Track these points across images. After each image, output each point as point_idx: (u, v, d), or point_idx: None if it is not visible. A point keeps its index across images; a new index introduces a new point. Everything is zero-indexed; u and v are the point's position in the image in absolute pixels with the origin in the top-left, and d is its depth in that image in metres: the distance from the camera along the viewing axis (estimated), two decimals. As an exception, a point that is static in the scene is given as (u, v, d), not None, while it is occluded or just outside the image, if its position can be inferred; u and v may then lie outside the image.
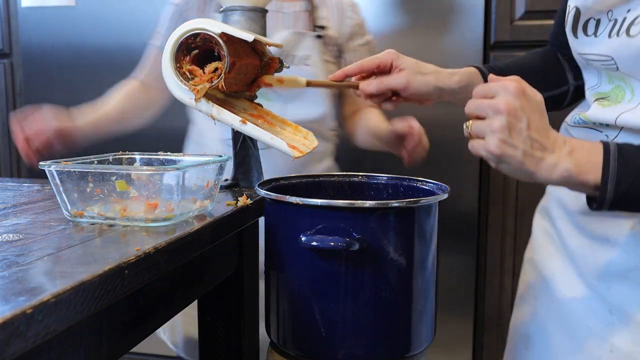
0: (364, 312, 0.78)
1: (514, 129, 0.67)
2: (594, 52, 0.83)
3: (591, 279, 0.87)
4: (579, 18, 0.83)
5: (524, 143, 0.67)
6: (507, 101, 0.67)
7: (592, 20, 0.82)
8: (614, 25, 0.79)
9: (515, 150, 0.67)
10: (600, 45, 0.81)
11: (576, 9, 0.83)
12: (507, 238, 1.79)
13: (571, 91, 1.00)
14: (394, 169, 1.82)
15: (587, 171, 0.68)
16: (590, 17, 0.82)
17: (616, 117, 0.79)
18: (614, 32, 0.79)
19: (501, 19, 1.72)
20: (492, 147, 0.67)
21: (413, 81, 0.92)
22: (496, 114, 0.67)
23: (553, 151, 0.68)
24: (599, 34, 0.81)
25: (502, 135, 0.66)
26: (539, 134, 0.68)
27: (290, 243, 0.80)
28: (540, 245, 0.99)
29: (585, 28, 0.83)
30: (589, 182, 0.68)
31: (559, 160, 0.68)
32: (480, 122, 0.69)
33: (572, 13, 0.84)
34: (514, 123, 0.67)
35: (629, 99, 0.80)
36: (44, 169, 0.77)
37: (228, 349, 1.03)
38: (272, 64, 0.98)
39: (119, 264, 0.57)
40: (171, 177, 0.75)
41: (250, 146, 1.06)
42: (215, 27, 0.85)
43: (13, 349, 0.43)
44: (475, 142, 0.70)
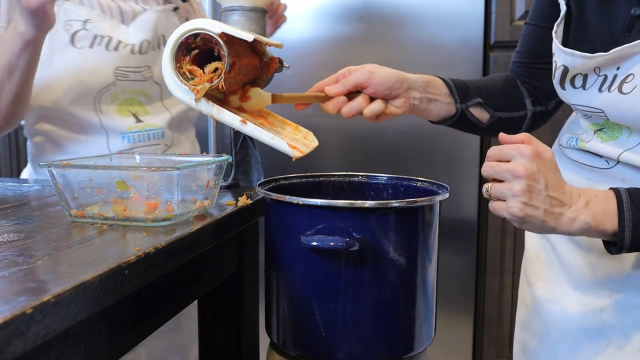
0: (364, 312, 0.78)
1: (534, 191, 0.70)
2: (582, 103, 0.86)
3: (588, 290, 0.88)
4: (566, 74, 0.86)
5: (544, 203, 0.71)
6: (525, 165, 0.70)
7: (580, 75, 0.85)
8: (604, 81, 0.81)
9: (536, 210, 0.70)
10: (589, 98, 0.84)
11: (564, 67, 0.86)
12: (507, 238, 1.79)
13: (529, 116, 1.03)
14: (394, 169, 1.82)
15: (604, 221, 0.72)
16: (578, 73, 0.85)
17: (618, 154, 0.82)
18: (605, 88, 0.81)
19: (501, 19, 1.72)
20: (515, 211, 0.71)
21: (376, 71, 0.91)
22: (515, 179, 0.70)
23: (570, 205, 0.72)
24: (588, 87, 0.84)
25: (523, 198, 0.70)
26: (556, 192, 0.71)
27: (290, 243, 0.80)
28: (534, 258, 1.00)
29: (572, 81, 0.86)
30: (606, 232, 0.72)
31: (577, 214, 0.72)
32: (499, 185, 0.72)
33: (559, 70, 0.87)
34: (533, 186, 0.70)
35: (626, 136, 0.83)
36: (44, 169, 0.77)
37: (228, 349, 1.03)
38: (272, 64, 0.98)
39: (119, 264, 0.57)
40: (171, 177, 0.75)
41: (250, 146, 1.06)
42: (215, 27, 0.85)
43: (13, 349, 0.43)
44: (496, 204, 0.73)
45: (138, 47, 1.21)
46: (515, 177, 0.70)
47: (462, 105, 0.99)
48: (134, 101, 1.22)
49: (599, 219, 0.72)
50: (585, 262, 0.88)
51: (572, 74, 0.85)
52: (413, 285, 0.81)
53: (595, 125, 0.87)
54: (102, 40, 1.17)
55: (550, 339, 0.92)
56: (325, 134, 1.85)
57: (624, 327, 0.84)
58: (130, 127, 1.20)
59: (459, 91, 0.99)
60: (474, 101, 1.00)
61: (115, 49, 1.18)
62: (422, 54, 1.76)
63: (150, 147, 1.23)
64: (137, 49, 1.20)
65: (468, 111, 1.00)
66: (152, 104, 1.25)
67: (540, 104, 1.03)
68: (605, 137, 0.85)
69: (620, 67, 0.79)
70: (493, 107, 1.02)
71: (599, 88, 0.82)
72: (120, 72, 1.19)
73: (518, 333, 1.03)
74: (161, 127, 1.25)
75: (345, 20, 1.82)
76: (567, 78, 0.86)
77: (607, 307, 0.86)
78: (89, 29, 1.16)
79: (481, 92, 1.01)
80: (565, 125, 1.00)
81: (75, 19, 1.15)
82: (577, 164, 0.90)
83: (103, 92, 1.18)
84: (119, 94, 1.20)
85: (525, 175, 0.70)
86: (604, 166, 0.85)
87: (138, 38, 1.21)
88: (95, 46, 1.17)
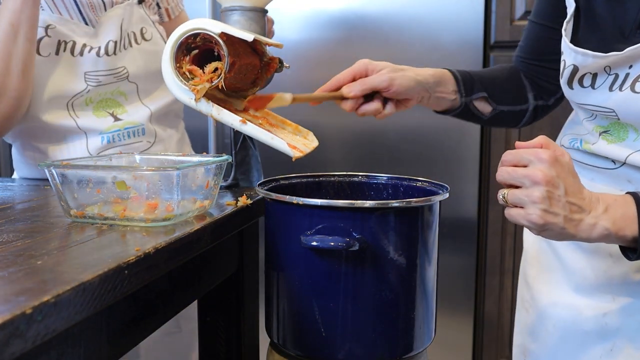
0: (364, 312, 0.78)
1: (553, 197, 0.68)
2: (591, 102, 0.84)
3: (590, 293, 0.87)
4: (575, 73, 0.85)
5: (563, 209, 0.69)
6: (544, 171, 0.68)
7: (589, 75, 0.83)
8: (615, 80, 0.80)
9: (556, 217, 0.68)
10: (599, 97, 0.82)
11: (573, 67, 0.84)
12: (507, 238, 1.79)
13: (530, 110, 1.04)
14: (394, 169, 1.82)
15: (624, 227, 0.70)
16: (587, 72, 0.83)
17: (626, 156, 0.81)
18: (616, 86, 0.80)
19: (501, 19, 1.72)
20: (535, 218, 0.68)
21: (396, 77, 0.93)
22: (534, 185, 0.68)
23: (590, 211, 0.70)
24: (597, 86, 0.82)
25: (543, 205, 0.68)
26: (575, 197, 0.69)
27: (290, 243, 0.80)
28: (533, 260, 1.00)
29: (581, 81, 0.85)
30: (626, 237, 0.70)
31: (597, 220, 0.70)
32: (517, 191, 0.70)
33: (568, 69, 0.85)
34: (552, 192, 0.68)
35: (633, 138, 0.81)
36: (44, 169, 0.77)
37: (228, 349, 1.03)
38: (272, 64, 0.98)
39: (119, 264, 0.57)
40: (171, 177, 0.75)
41: (250, 146, 1.06)
42: (215, 27, 0.85)
43: (12, 349, 0.43)
44: (513, 211, 0.71)
45: (104, 49, 1.16)
46: (534, 184, 0.68)
47: (467, 98, 1.00)
48: (110, 101, 1.18)
49: (619, 225, 0.70)
50: (588, 264, 0.87)
51: (581, 74, 0.84)
52: (413, 285, 0.81)
53: (600, 127, 0.86)
54: (66, 46, 1.13)
55: (552, 343, 0.92)
56: (326, 134, 1.85)
57: (627, 331, 0.83)
58: (109, 126, 1.17)
59: (465, 85, 1.00)
60: (479, 95, 1.01)
61: (80, 53, 1.14)
62: (422, 54, 1.76)
63: (131, 146, 1.20)
64: (102, 51, 1.16)
65: (472, 104, 1.01)
66: (130, 102, 1.21)
67: (542, 98, 1.03)
68: (611, 139, 0.84)
69: (632, 65, 0.77)
70: (496, 101, 1.02)
71: (609, 87, 0.80)
72: (90, 77, 1.15)
73: (518, 336, 1.02)
74: (141, 123, 1.21)
75: (345, 20, 1.82)
76: (575, 77, 0.85)
77: (610, 311, 0.85)
78: (52, 36, 1.12)
79: (486, 86, 1.02)
80: (565, 125, 0.99)
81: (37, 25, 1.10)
82: (581, 164, 0.90)
83: (75, 98, 1.15)
84: (93, 98, 1.16)
85: (545, 181, 0.67)
86: (609, 167, 0.85)
87: (103, 40, 1.17)
88: (61, 53, 1.13)
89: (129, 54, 1.20)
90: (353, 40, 1.81)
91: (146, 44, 1.22)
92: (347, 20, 1.82)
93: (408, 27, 1.77)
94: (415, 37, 1.76)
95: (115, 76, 1.17)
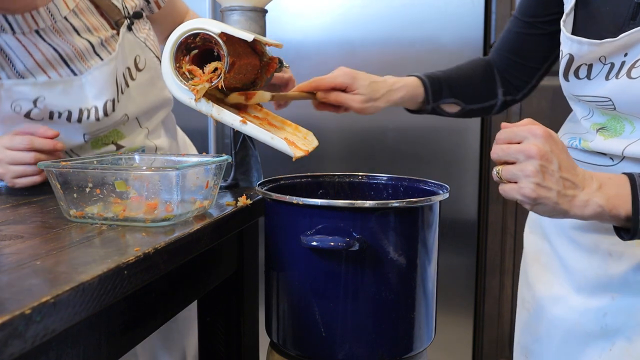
0: (364, 312, 0.78)
1: (547, 171, 0.68)
2: (588, 93, 0.85)
3: (590, 293, 0.87)
4: (571, 64, 0.86)
5: (557, 184, 0.69)
6: (538, 145, 0.68)
7: (584, 66, 0.84)
8: (611, 68, 0.81)
9: (549, 192, 0.69)
10: (595, 87, 0.83)
11: (569, 56, 0.85)
12: (507, 238, 1.79)
13: (499, 105, 1.11)
14: (394, 169, 1.82)
15: (618, 205, 0.70)
16: (582, 63, 0.84)
17: (623, 149, 0.82)
18: (612, 75, 0.80)
19: (501, 19, 1.72)
20: (528, 192, 0.69)
21: (366, 108, 1.05)
22: (528, 159, 0.69)
23: (584, 188, 0.70)
24: (593, 76, 0.83)
25: (537, 179, 0.68)
26: (569, 173, 0.70)
27: (290, 243, 0.80)
28: (533, 260, 1.00)
29: (577, 72, 0.86)
30: (620, 216, 0.71)
31: (590, 197, 0.70)
32: (511, 167, 0.71)
33: (565, 59, 0.86)
34: (546, 166, 0.68)
35: (630, 131, 0.82)
36: (44, 169, 0.77)
37: (228, 349, 1.03)
38: (272, 64, 0.98)
39: (119, 264, 0.57)
40: (170, 177, 0.75)
41: (250, 146, 1.06)
42: (215, 27, 0.85)
43: (11, 349, 0.43)
44: (507, 186, 0.72)
45: (102, 111, 1.07)
46: (528, 158, 0.68)
47: (434, 104, 1.09)
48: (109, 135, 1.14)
49: (613, 202, 0.70)
50: (588, 264, 0.87)
51: (576, 64, 0.84)
52: (413, 285, 0.81)
53: (597, 124, 0.86)
54: (61, 115, 1.05)
55: (553, 342, 0.92)
56: (325, 134, 1.84)
57: (627, 331, 0.84)
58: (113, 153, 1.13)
59: (434, 94, 1.08)
60: (446, 101, 1.09)
61: (78, 120, 1.06)
62: (422, 54, 1.76)
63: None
64: (101, 114, 1.07)
65: (439, 107, 1.10)
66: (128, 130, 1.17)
67: (510, 94, 1.09)
68: (608, 135, 0.84)
69: (627, 53, 0.78)
70: (466, 101, 1.09)
71: (605, 76, 0.81)
72: (89, 135, 1.10)
73: (519, 336, 1.02)
74: (141, 146, 1.18)
75: (345, 20, 1.82)
76: (571, 69, 0.85)
77: (610, 310, 0.85)
78: (42, 108, 1.03)
79: (456, 92, 1.09)
80: (564, 125, 0.99)
81: (21, 98, 1.02)
82: (580, 163, 0.90)
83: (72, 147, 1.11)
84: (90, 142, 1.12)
85: (539, 155, 0.68)
86: (608, 164, 0.85)
87: (99, 99, 1.07)
88: (56, 118, 1.05)
89: (127, 100, 1.13)
90: (353, 40, 1.81)
91: (140, 76, 1.16)
92: (347, 20, 1.82)
93: (408, 27, 1.77)
94: (415, 37, 1.76)
95: (115, 124, 1.13)
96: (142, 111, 1.18)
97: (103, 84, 1.08)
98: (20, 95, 1.03)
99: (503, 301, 1.80)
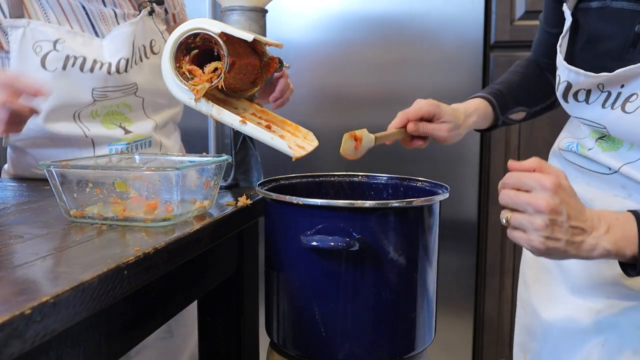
0: (363, 312, 0.78)
1: (556, 224, 0.68)
2: (585, 117, 0.86)
3: (585, 294, 0.88)
4: (569, 90, 0.86)
5: (565, 234, 0.69)
6: (547, 200, 0.68)
7: (583, 90, 0.85)
8: (607, 97, 0.81)
9: (558, 242, 0.69)
10: (592, 113, 0.84)
11: (567, 83, 0.86)
12: (507, 238, 1.78)
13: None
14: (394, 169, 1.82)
15: (624, 247, 0.70)
16: (581, 88, 0.84)
17: (619, 166, 0.82)
18: (608, 104, 0.81)
19: (501, 19, 1.72)
20: (537, 244, 0.69)
21: (452, 137, 1.02)
22: (537, 213, 0.69)
23: (591, 232, 0.70)
24: (591, 102, 0.84)
25: (546, 232, 0.68)
26: (577, 220, 0.70)
27: (290, 243, 0.80)
28: (531, 261, 1.00)
29: (575, 96, 0.86)
30: (626, 256, 0.71)
31: (598, 241, 0.70)
32: (520, 216, 0.70)
33: (563, 85, 0.87)
34: (555, 219, 0.68)
35: (627, 149, 0.82)
36: (44, 169, 0.77)
37: (228, 349, 1.03)
38: (272, 64, 0.98)
39: (118, 264, 0.57)
40: (170, 177, 0.75)
41: (250, 146, 1.06)
42: (215, 27, 0.85)
43: (11, 350, 0.43)
44: (516, 234, 0.72)
45: (115, 66, 1.13)
46: (537, 212, 0.68)
47: (504, 117, 1.07)
48: (115, 113, 1.17)
49: (620, 245, 0.70)
50: (585, 267, 0.88)
51: (575, 89, 0.85)
52: (413, 286, 0.81)
53: (597, 132, 0.87)
54: (75, 61, 1.09)
55: (551, 341, 0.93)
56: (325, 134, 1.84)
57: (619, 328, 0.84)
58: (119, 139, 1.16)
59: (502, 108, 1.06)
60: (513, 111, 1.07)
61: (91, 70, 1.10)
62: (422, 54, 1.76)
63: None
64: (114, 69, 1.12)
65: (508, 119, 1.08)
66: (134, 113, 1.20)
67: None
68: (606, 147, 0.85)
69: (624, 85, 0.79)
70: (529, 105, 1.07)
71: (602, 104, 0.82)
72: (98, 93, 1.13)
73: (518, 335, 1.03)
74: (148, 136, 1.21)
75: (345, 20, 1.82)
76: (570, 92, 0.86)
77: (603, 309, 0.86)
78: (60, 50, 1.08)
79: (519, 99, 1.07)
80: (565, 127, 1.00)
81: (44, 39, 1.07)
82: (577, 167, 0.90)
83: (80, 109, 1.13)
84: (99, 111, 1.15)
85: (548, 210, 0.68)
86: (605, 172, 0.85)
87: (115, 56, 1.13)
88: (69, 68, 1.09)
89: (139, 70, 1.17)
90: (353, 40, 1.81)
91: (154, 58, 1.21)
92: (347, 20, 1.81)
93: (408, 27, 1.77)
94: (416, 37, 1.76)
95: (124, 91, 1.16)
96: (149, 92, 1.20)
97: (120, 43, 1.14)
98: (44, 37, 1.08)
99: (503, 301, 1.80)
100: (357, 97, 1.79)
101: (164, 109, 1.26)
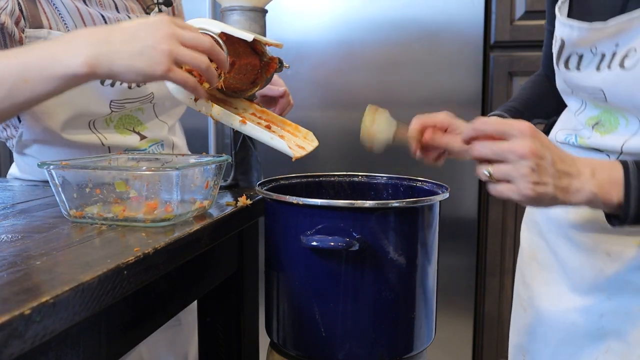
0: (364, 312, 0.78)
1: (542, 167, 0.68)
2: (579, 84, 0.84)
3: (587, 293, 0.87)
4: (562, 51, 0.85)
5: (552, 177, 0.68)
6: (529, 144, 0.67)
7: (575, 56, 0.83)
8: (602, 59, 0.80)
9: (547, 187, 0.68)
10: (586, 79, 0.82)
11: (561, 41, 0.85)
12: (507, 238, 1.79)
13: None
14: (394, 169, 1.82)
15: (610, 191, 0.70)
16: (573, 52, 0.83)
17: (621, 144, 0.81)
18: (604, 65, 0.80)
19: (501, 19, 1.72)
20: (527, 191, 0.68)
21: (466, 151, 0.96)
22: (521, 159, 0.68)
23: (578, 175, 0.70)
24: (583, 68, 0.83)
25: (533, 177, 0.67)
26: (562, 164, 0.69)
27: (290, 243, 0.80)
28: (529, 258, 1.00)
29: (567, 63, 0.85)
30: (612, 202, 0.70)
31: (583, 184, 0.69)
32: (504, 166, 0.69)
33: (558, 43, 0.86)
34: (540, 163, 0.68)
35: (624, 124, 0.81)
36: (44, 169, 0.77)
37: (228, 349, 1.03)
38: (272, 64, 0.98)
39: (118, 264, 0.57)
40: (170, 177, 0.75)
41: (250, 146, 1.05)
42: (215, 27, 0.85)
43: (11, 350, 0.43)
44: (503, 187, 0.70)
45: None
46: (521, 157, 0.67)
47: None
48: (128, 117, 1.15)
49: (605, 188, 0.69)
50: (587, 263, 0.87)
51: (567, 53, 0.84)
52: (413, 285, 0.81)
53: (592, 118, 0.86)
54: None
55: (552, 343, 0.92)
56: (325, 134, 1.84)
57: (624, 334, 0.84)
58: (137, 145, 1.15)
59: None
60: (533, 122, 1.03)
61: (111, 84, 1.07)
62: (422, 54, 1.76)
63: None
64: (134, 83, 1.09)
65: None
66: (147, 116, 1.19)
67: None
68: (604, 131, 0.84)
69: (618, 43, 0.77)
70: (545, 117, 1.05)
71: (597, 66, 0.80)
72: (116, 105, 1.11)
73: (515, 336, 1.02)
74: (161, 139, 1.20)
75: (345, 20, 1.82)
76: (562, 56, 0.85)
77: (606, 312, 0.85)
78: None
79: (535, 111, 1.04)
80: (559, 121, 0.99)
81: None
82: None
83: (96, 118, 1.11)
84: (112, 117, 1.13)
85: (532, 154, 0.67)
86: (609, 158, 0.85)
87: None
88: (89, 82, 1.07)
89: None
90: (353, 40, 1.81)
91: None
92: (347, 20, 1.82)
93: (408, 27, 1.77)
94: (415, 37, 1.76)
95: (141, 101, 1.14)
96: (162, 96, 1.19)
97: None
98: None
99: (503, 301, 1.80)
100: (357, 97, 1.79)
101: (173, 108, 1.26)
